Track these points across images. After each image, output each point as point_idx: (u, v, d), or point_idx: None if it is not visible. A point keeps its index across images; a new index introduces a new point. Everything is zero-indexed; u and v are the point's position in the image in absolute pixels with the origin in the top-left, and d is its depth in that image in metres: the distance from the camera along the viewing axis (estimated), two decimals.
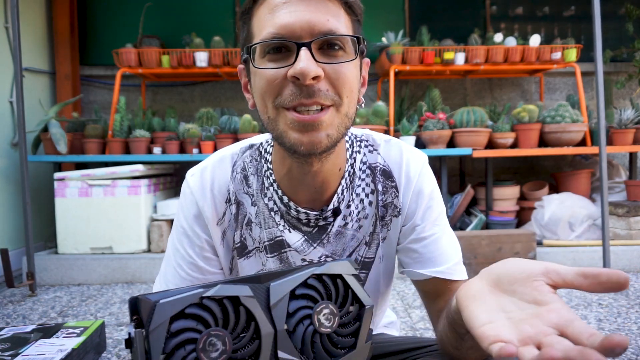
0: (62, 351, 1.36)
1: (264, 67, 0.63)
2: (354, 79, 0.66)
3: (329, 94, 0.63)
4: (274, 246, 0.77)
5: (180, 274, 0.79)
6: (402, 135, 2.82)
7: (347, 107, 0.66)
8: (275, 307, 0.52)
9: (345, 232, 0.77)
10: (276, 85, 0.62)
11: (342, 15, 0.64)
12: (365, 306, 0.59)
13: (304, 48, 0.60)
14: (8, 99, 2.89)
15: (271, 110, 0.64)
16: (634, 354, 1.54)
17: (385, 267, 0.82)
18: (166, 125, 3.00)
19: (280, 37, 0.61)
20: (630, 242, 2.67)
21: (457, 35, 3.29)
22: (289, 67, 0.61)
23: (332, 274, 0.57)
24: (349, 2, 0.65)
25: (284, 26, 0.61)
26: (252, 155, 0.79)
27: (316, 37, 0.61)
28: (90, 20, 3.52)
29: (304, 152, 0.64)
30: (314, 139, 0.63)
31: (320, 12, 0.62)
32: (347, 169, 0.76)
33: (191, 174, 0.79)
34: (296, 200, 0.75)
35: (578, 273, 0.45)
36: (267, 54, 0.63)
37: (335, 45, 0.63)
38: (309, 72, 0.59)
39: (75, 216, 2.64)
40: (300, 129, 0.63)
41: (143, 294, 0.46)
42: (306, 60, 0.60)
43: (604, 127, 2.41)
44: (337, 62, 0.63)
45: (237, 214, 0.78)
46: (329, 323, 0.55)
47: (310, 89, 0.61)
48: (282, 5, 0.62)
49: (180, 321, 0.47)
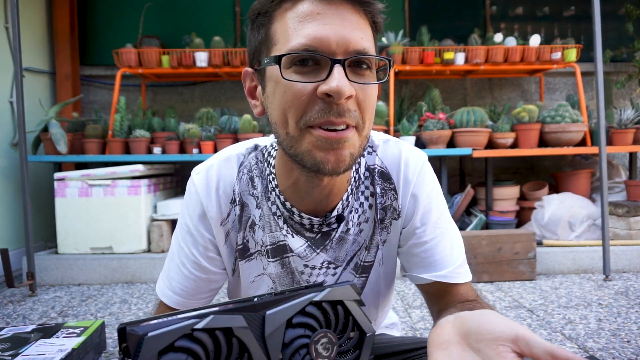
0: (62, 351, 1.36)
1: (292, 79, 0.59)
2: (375, 100, 0.64)
3: (355, 114, 0.61)
4: (277, 250, 0.76)
5: (184, 272, 0.78)
6: (402, 135, 2.82)
7: (367, 130, 0.64)
8: (270, 337, 0.51)
9: (347, 237, 0.76)
10: (303, 101, 0.59)
11: (370, 32, 0.63)
12: (366, 334, 0.57)
13: (338, 65, 0.58)
14: (8, 99, 2.89)
15: (293, 127, 0.61)
16: (633, 354, 1.54)
17: (386, 269, 0.81)
18: (166, 125, 3.00)
19: (314, 50, 0.58)
20: (630, 242, 2.67)
21: (457, 35, 3.29)
22: (320, 83, 0.58)
23: (332, 300, 0.55)
24: (377, 21, 0.63)
25: (318, 39, 0.58)
26: (257, 157, 0.78)
27: (350, 54, 0.59)
28: (90, 20, 3.51)
29: (329, 171, 0.61)
30: (339, 157, 0.61)
31: (355, 28, 0.59)
32: (352, 175, 0.75)
33: (197, 172, 0.78)
34: (299, 207, 0.73)
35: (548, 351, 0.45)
36: (294, 66, 0.59)
37: (363, 64, 0.61)
38: (344, 92, 0.57)
39: (75, 216, 2.64)
40: (327, 146, 0.60)
41: (131, 324, 0.44)
42: (342, 79, 0.57)
43: (604, 127, 2.41)
44: (366, 83, 0.61)
45: (241, 215, 0.76)
46: (327, 352, 0.54)
47: (341, 108, 0.59)
48: (315, 15, 0.58)
49: (170, 354, 0.45)
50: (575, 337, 1.70)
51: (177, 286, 0.79)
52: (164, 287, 0.80)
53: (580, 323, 1.84)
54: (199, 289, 0.79)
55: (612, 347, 1.60)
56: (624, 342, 1.64)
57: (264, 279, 0.79)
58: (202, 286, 0.79)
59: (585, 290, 2.28)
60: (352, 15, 0.60)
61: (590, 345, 1.62)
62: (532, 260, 2.49)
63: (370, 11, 0.62)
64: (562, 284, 2.41)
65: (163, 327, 0.45)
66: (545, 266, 2.61)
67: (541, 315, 1.94)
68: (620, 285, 2.36)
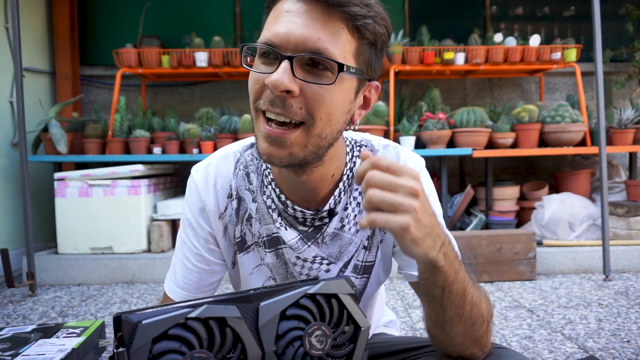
0: (62, 351, 1.36)
1: (252, 68, 0.66)
2: (334, 103, 0.64)
3: (301, 112, 0.63)
4: (271, 242, 0.79)
5: (187, 265, 0.82)
6: (402, 135, 2.82)
7: (321, 128, 0.65)
8: (264, 328, 0.51)
9: (342, 234, 0.79)
10: (258, 89, 0.65)
11: (342, 35, 0.62)
12: (361, 327, 0.57)
13: (285, 61, 0.61)
14: (8, 99, 2.89)
15: (252, 110, 0.67)
16: (633, 354, 1.54)
17: (384, 269, 0.84)
18: (166, 125, 3.00)
19: (271, 44, 0.63)
20: (630, 242, 2.67)
21: (457, 35, 3.29)
22: (269, 75, 0.62)
23: (326, 293, 0.56)
24: (356, 24, 0.63)
25: (277, 35, 0.62)
26: (252, 153, 0.82)
27: (300, 52, 0.61)
28: (90, 20, 3.51)
29: (269, 161, 0.67)
30: (275, 153, 0.65)
31: (315, 28, 0.61)
32: (345, 172, 0.77)
33: (196, 169, 0.83)
34: (292, 199, 0.76)
35: None
36: (261, 57, 0.65)
37: (320, 65, 0.63)
38: (279, 85, 0.61)
39: (75, 216, 2.64)
40: (267, 140, 0.65)
41: (127, 312, 0.45)
42: (281, 73, 0.61)
43: (603, 127, 2.41)
44: (314, 82, 0.62)
45: (238, 209, 0.80)
46: (321, 345, 0.54)
47: (283, 101, 0.62)
48: (284, 13, 0.63)
49: (164, 342, 0.45)
50: (575, 337, 1.70)
51: (182, 280, 0.82)
52: (170, 282, 0.84)
53: (580, 323, 1.84)
54: (202, 281, 0.83)
55: (612, 347, 1.60)
56: (624, 342, 1.64)
57: (262, 269, 0.82)
58: (204, 278, 0.82)
59: (585, 290, 2.28)
60: (322, 16, 0.62)
61: (590, 345, 1.62)
62: (532, 260, 2.49)
63: (346, 13, 0.62)
64: (562, 284, 2.41)
65: (157, 315, 0.45)
66: (545, 266, 2.61)
67: (541, 315, 1.94)
68: (620, 285, 2.36)
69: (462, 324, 0.65)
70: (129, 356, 0.43)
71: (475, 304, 0.66)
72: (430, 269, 0.60)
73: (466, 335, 0.67)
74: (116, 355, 0.44)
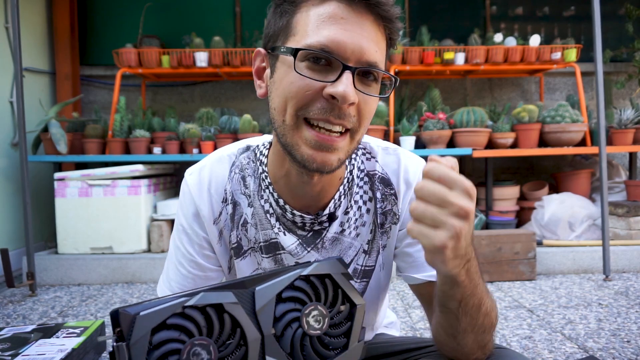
0: (62, 351, 1.36)
1: (304, 73, 0.61)
2: (374, 111, 0.67)
3: (354, 120, 0.63)
4: (269, 248, 0.77)
5: (181, 271, 0.80)
6: (402, 136, 2.82)
7: (361, 135, 0.67)
8: (261, 312, 0.51)
9: (342, 239, 0.77)
10: (307, 96, 0.61)
11: (384, 47, 0.65)
12: (356, 305, 0.58)
13: (348, 71, 0.60)
14: (8, 99, 2.89)
15: (290, 116, 0.63)
16: (633, 354, 1.54)
17: (386, 274, 0.83)
18: (166, 125, 3.00)
19: (329, 52, 0.60)
20: (630, 242, 2.67)
21: (457, 35, 3.29)
22: (327, 84, 0.61)
23: (320, 274, 0.56)
24: (393, 37, 0.66)
25: (335, 42, 0.60)
26: (249, 157, 0.80)
27: (362, 65, 0.61)
28: (90, 20, 3.51)
29: (314, 169, 0.64)
30: (326, 160, 0.63)
31: (372, 40, 0.62)
32: (345, 175, 0.76)
33: (189, 173, 0.80)
34: (292, 204, 0.75)
35: None
36: (307, 61, 0.62)
37: (371, 75, 0.64)
38: (349, 98, 0.60)
39: (75, 216, 2.64)
40: (316, 147, 0.63)
41: (124, 306, 0.45)
42: (349, 85, 0.60)
43: (603, 127, 2.41)
44: (370, 94, 0.64)
45: (233, 214, 0.78)
46: (319, 325, 0.54)
47: (342, 112, 0.61)
48: (338, 19, 0.60)
49: (163, 332, 0.46)
50: (575, 337, 1.70)
51: (176, 286, 0.80)
52: (163, 287, 0.82)
53: (580, 323, 1.84)
54: (197, 287, 0.80)
55: (612, 347, 1.60)
56: (624, 342, 1.64)
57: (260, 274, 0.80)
58: (199, 284, 0.80)
59: (585, 290, 2.28)
60: (372, 27, 0.62)
61: (590, 345, 1.62)
62: (532, 260, 2.49)
63: (389, 27, 0.64)
64: (562, 284, 2.41)
65: (155, 306, 0.45)
66: (545, 266, 2.61)
67: (541, 315, 1.94)
68: (620, 285, 2.36)
69: (474, 333, 0.65)
70: (129, 348, 0.44)
71: (487, 314, 0.65)
72: (450, 282, 0.59)
73: (475, 343, 0.66)
74: (116, 350, 0.44)
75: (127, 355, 0.44)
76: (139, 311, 0.44)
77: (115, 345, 0.44)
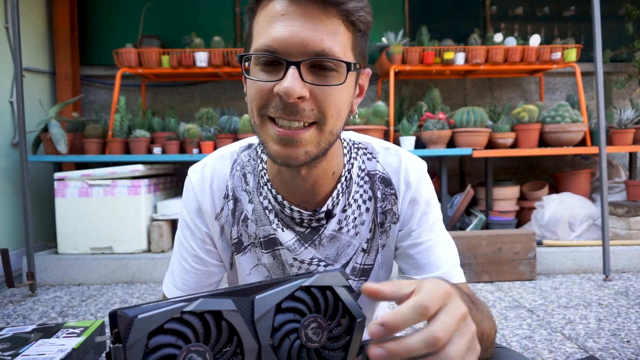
0: (62, 351, 1.36)
1: (254, 77, 0.63)
2: (342, 99, 0.65)
3: (313, 113, 0.63)
4: (268, 243, 0.79)
5: (185, 266, 0.82)
6: (402, 136, 2.82)
7: (332, 125, 0.65)
8: (259, 321, 0.51)
9: (340, 236, 0.78)
10: (263, 96, 0.63)
11: (340, 32, 0.62)
12: (356, 319, 0.57)
13: (292, 67, 0.60)
14: (8, 99, 2.89)
15: (256, 117, 0.65)
16: (633, 354, 1.54)
17: (385, 273, 0.83)
18: (166, 125, 3.00)
19: (273, 51, 0.61)
20: (630, 242, 2.67)
21: (457, 35, 3.29)
22: (277, 82, 0.61)
23: (321, 285, 0.56)
24: (352, 19, 0.63)
25: (277, 40, 0.60)
26: (250, 154, 0.81)
27: (307, 57, 0.60)
28: (90, 20, 3.51)
29: (281, 164, 0.66)
30: (291, 154, 0.64)
31: (317, 30, 0.60)
32: (343, 174, 0.77)
33: (192, 170, 0.82)
34: (290, 200, 0.76)
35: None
36: (260, 64, 0.63)
37: (329, 65, 0.62)
38: (292, 93, 0.59)
39: (75, 216, 2.64)
40: (280, 142, 0.64)
41: (122, 308, 0.45)
42: (292, 80, 0.59)
43: (603, 127, 2.41)
44: (324, 85, 0.62)
45: (234, 210, 0.80)
46: (317, 337, 0.54)
47: (293, 108, 0.61)
48: (279, 16, 0.61)
49: (160, 336, 0.46)
50: (575, 337, 1.70)
51: (180, 281, 0.82)
52: (168, 283, 0.84)
53: (580, 323, 1.84)
54: (200, 282, 0.83)
55: (612, 347, 1.60)
56: (624, 342, 1.64)
57: (259, 269, 0.82)
58: (202, 279, 0.82)
59: (585, 290, 2.28)
60: (320, 15, 0.60)
61: (590, 345, 1.62)
62: (532, 260, 2.49)
63: (344, 10, 0.61)
64: (562, 284, 2.41)
65: (153, 310, 0.45)
66: (545, 266, 2.61)
67: (541, 315, 1.94)
68: (620, 285, 2.36)
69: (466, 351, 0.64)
70: (125, 350, 0.43)
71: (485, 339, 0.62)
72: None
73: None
74: (112, 351, 0.44)
75: (123, 357, 0.44)
76: (137, 314, 0.44)
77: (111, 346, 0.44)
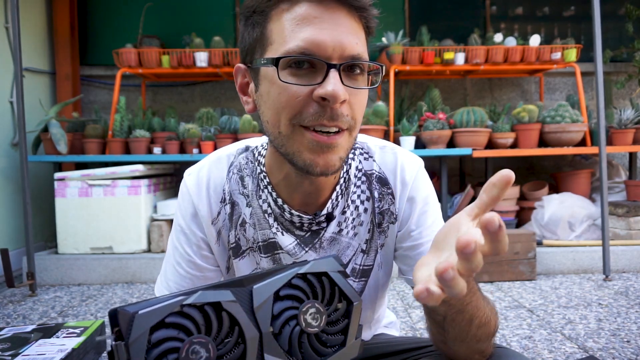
0: (62, 351, 1.36)
1: (288, 81, 0.60)
2: (365, 103, 0.66)
3: (348, 118, 0.62)
4: (268, 247, 0.77)
5: (179, 271, 0.80)
6: (402, 136, 2.82)
7: (357, 130, 0.66)
8: (259, 310, 0.52)
9: (340, 238, 0.77)
10: (298, 103, 0.60)
11: (363, 37, 0.64)
12: (353, 302, 0.58)
13: (333, 69, 0.59)
14: (8, 99, 2.89)
15: (285, 126, 0.62)
16: (633, 354, 1.54)
17: (384, 274, 0.82)
18: (166, 125, 3.00)
19: (311, 54, 0.59)
20: (630, 242, 2.68)
21: (457, 35, 3.29)
22: (316, 86, 0.59)
23: (316, 272, 0.57)
24: (369, 24, 0.64)
25: (315, 43, 0.59)
26: (247, 157, 0.79)
27: (345, 59, 0.60)
28: (90, 20, 3.51)
29: (318, 173, 0.63)
30: (328, 161, 0.63)
31: (350, 33, 0.61)
32: (342, 175, 0.76)
33: (188, 173, 0.80)
34: (290, 204, 0.74)
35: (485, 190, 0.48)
36: (289, 68, 0.60)
37: (356, 69, 0.63)
38: (339, 96, 0.58)
39: (75, 216, 2.64)
40: (317, 149, 0.62)
41: (122, 306, 0.46)
42: (337, 83, 0.58)
43: (603, 127, 2.41)
44: (359, 88, 0.63)
45: (231, 214, 0.78)
46: (316, 322, 0.55)
47: (335, 112, 0.60)
48: (312, 19, 0.59)
49: (161, 331, 0.46)
50: (575, 337, 1.70)
51: (174, 286, 0.80)
52: (161, 287, 0.82)
53: (580, 323, 1.84)
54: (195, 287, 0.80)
55: (612, 347, 1.60)
56: (624, 342, 1.64)
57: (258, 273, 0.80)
58: (197, 284, 0.80)
59: (585, 290, 2.28)
60: (347, 20, 0.61)
61: (590, 345, 1.62)
62: (532, 260, 2.49)
63: (364, 16, 0.63)
64: (562, 284, 2.41)
65: (153, 305, 0.46)
66: (545, 266, 2.61)
67: (541, 315, 1.94)
68: (620, 285, 2.36)
69: (466, 342, 0.64)
70: (128, 347, 0.44)
71: (483, 325, 0.64)
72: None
73: (469, 349, 0.66)
74: (115, 349, 0.44)
75: (126, 354, 0.44)
76: (137, 310, 0.45)
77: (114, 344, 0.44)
